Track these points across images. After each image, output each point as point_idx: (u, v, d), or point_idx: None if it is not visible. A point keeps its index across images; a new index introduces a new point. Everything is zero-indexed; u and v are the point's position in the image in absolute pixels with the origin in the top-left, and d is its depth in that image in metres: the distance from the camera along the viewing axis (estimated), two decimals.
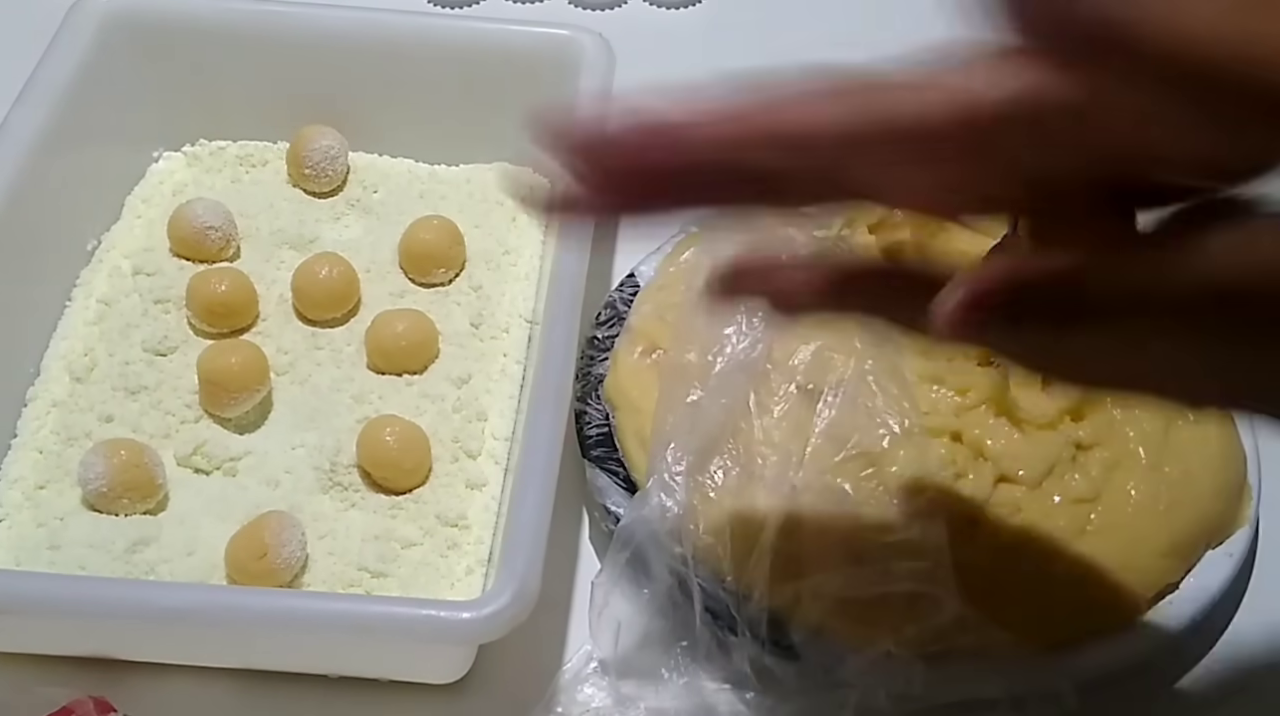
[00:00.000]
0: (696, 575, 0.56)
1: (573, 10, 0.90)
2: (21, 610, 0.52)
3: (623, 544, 0.57)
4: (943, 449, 0.59)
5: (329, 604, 0.54)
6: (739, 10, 0.91)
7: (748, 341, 0.61)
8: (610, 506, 0.60)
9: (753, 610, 0.55)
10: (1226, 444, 0.62)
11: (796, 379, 0.61)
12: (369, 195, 0.74)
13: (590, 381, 0.64)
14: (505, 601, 0.50)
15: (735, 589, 0.56)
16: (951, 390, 0.61)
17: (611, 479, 0.61)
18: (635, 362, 0.64)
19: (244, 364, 0.63)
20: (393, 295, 0.69)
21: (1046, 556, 0.58)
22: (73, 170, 0.68)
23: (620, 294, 0.68)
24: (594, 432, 0.63)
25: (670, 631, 0.57)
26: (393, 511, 0.61)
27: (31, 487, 0.61)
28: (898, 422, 0.59)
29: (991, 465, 0.59)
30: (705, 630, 0.56)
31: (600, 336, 0.66)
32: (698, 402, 0.60)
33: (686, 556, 0.56)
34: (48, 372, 0.65)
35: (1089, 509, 0.59)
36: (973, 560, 0.57)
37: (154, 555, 0.58)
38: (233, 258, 0.71)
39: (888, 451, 0.58)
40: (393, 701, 0.57)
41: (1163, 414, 0.62)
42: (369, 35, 0.73)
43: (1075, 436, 0.61)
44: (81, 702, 0.53)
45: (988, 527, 0.58)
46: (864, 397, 0.59)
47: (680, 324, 0.63)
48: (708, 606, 0.56)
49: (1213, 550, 0.60)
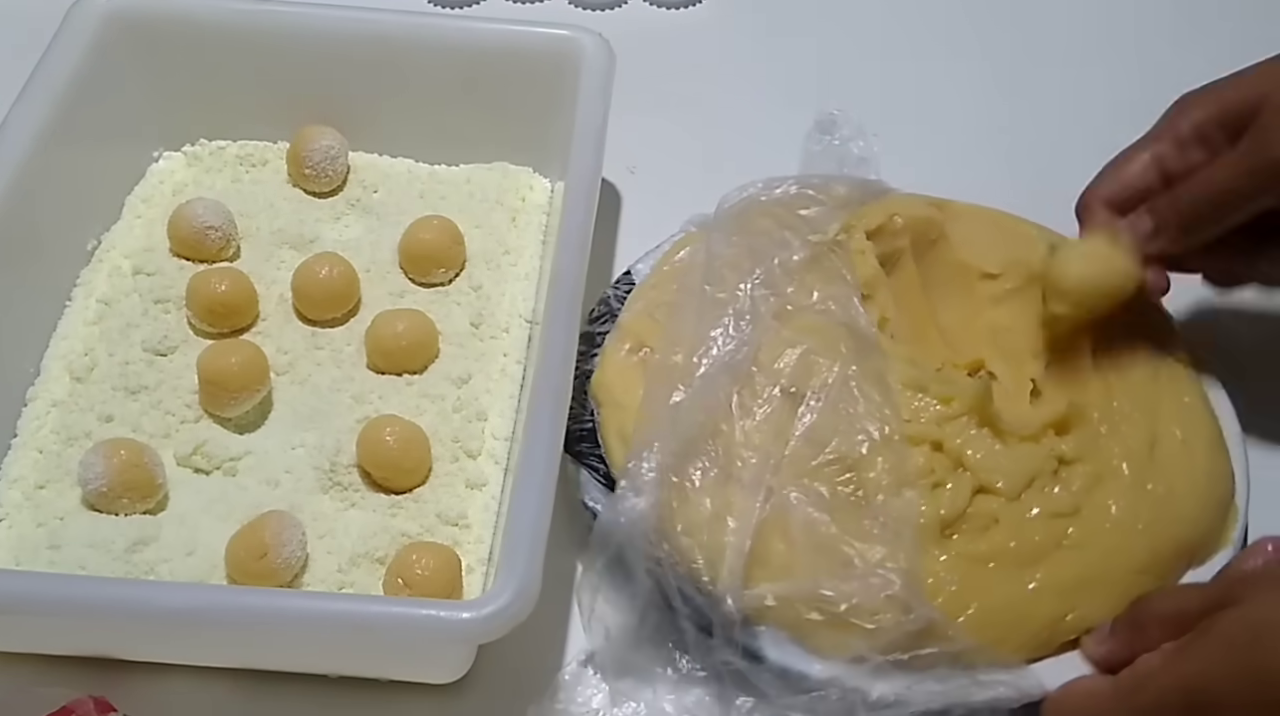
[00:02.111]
0: (674, 577, 0.56)
1: (573, 10, 0.90)
2: (22, 610, 0.52)
3: (601, 545, 0.57)
4: (922, 457, 0.59)
5: (329, 603, 0.54)
6: (739, 10, 0.91)
7: (734, 343, 0.61)
8: (588, 501, 0.60)
9: (726, 613, 0.55)
10: (1214, 463, 0.62)
11: (781, 382, 0.60)
12: (369, 195, 0.74)
13: (580, 377, 0.64)
14: (506, 601, 0.50)
15: (710, 591, 0.56)
16: (935, 399, 0.61)
17: (592, 475, 0.61)
18: (622, 360, 0.64)
19: (244, 364, 0.63)
20: (393, 295, 0.69)
21: (1020, 568, 0.58)
22: (73, 170, 0.68)
23: (615, 291, 0.68)
24: (578, 428, 0.63)
25: (658, 630, 0.57)
26: (393, 511, 0.61)
27: (31, 487, 0.61)
28: (878, 429, 0.59)
29: (971, 475, 0.59)
30: (690, 627, 0.56)
31: (593, 332, 0.66)
32: (680, 403, 0.60)
33: (663, 558, 0.56)
34: (48, 372, 0.65)
35: (1067, 523, 0.59)
36: (947, 569, 0.57)
37: (154, 555, 0.58)
38: (233, 257, 0.71)
39: (866, 457, 0.58)
40: (393, 701, 0.57)
41: (1149, 429, 0.62)
42: (369, 35, 0.73)
43: (1059, 450, 0.61)
44: (81, 702, 0.53)
45: (963, 538, 0.58)
46: (846, 403, 0.59)
47: (670, 323, 0.63)
48: (685, 608, 0.56)
49: (1195, 569, 0.60)
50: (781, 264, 0.64)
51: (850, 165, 0.71)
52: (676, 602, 0.56)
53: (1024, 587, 0.57)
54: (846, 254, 0.65)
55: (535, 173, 0.76)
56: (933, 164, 0.76)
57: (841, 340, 0.61)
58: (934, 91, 0.86)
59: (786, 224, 0.66)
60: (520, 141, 0.75)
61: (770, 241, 0.65)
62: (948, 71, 0.87)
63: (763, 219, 0.66)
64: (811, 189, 0.68)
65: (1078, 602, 0.57)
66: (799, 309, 0.63)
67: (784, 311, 0.63)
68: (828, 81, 0.85)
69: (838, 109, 0.72)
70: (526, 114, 0.74)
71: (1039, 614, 0.57)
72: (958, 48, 0.89)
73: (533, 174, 0.76)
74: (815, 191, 0.68)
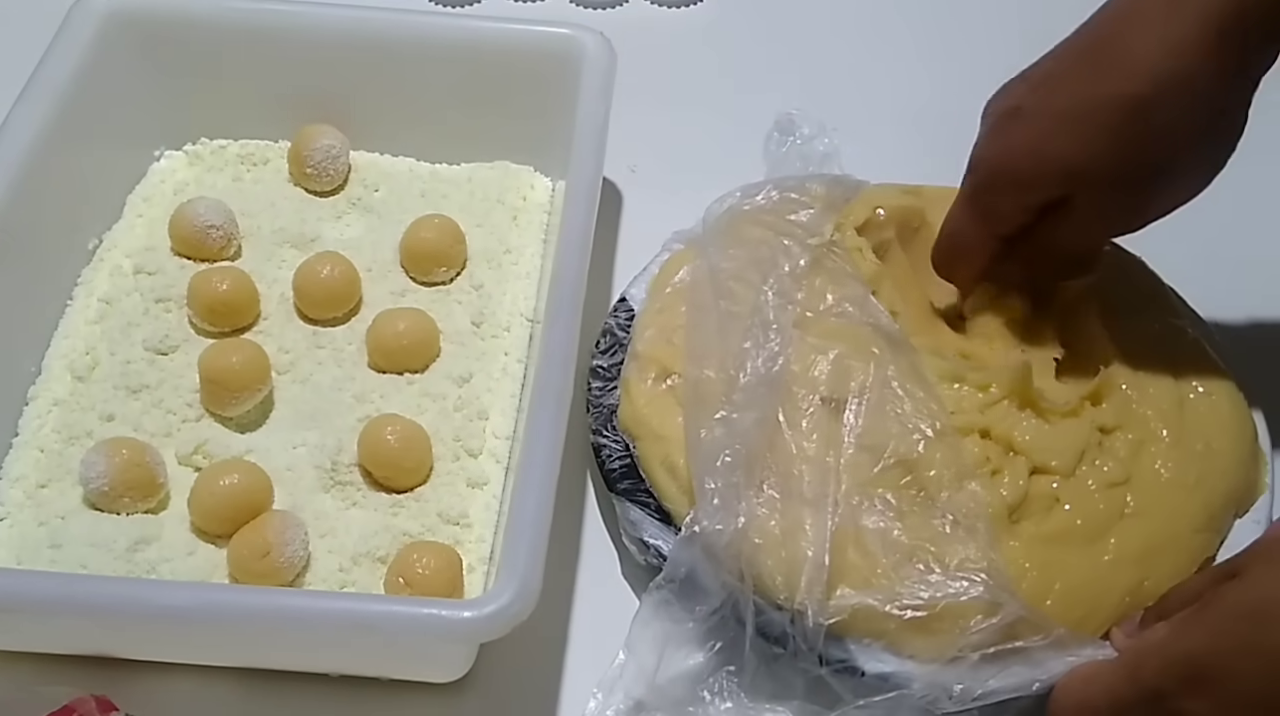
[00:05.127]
0: (751, 593, 0.55)
1: (574, 9, 0.90)
2: (23, 609, 0.52)
3: (671, 575, 0.56)
4: (975, 447, 0.59)
5: (331, 603, 0.54)
6: (739, 10, 0.91)
7: (764, 356, 0.60)
8: (648, 539, 0.59)
9: (808, 627, 0.55)
10: (1238, 413, 0.63)
11: (820, 391, 0.60)
12: (370, 194, 0.74)
13: (603, 413, 0.64)
14: (507, 600, 0.50)
15: (789, 607, 0.55)
16: (974, 387, 0.61)
17: (644, 511, 0.60)
18: (650, 390, 0.63)
19: (245, 363, 0.63)
20: (394, 294, 0.69)
21: (1091, 543, 0.58)
22: (74, 169, 0.68)
23: (616, 319, 0.67)
24: (617, 465, 0.62)
25: (717, 655, 0.56)
26: (394, 510, 0.61)
27: (33, 486, 0.61)
28: (929, 425, 0.59)
29: (1024, 458, 0.59)
30: (753, 654, 0.56)
31: (604, 365, 0.66)
32: (728, 419, 0.59)
33: (742, 574, 0.55)
34: (49, 371, 0.65)
35: (1124, 491, 0.59)
36: (1023, 555, 0.57)
37: (155, 554, 0.58)
38: (234, 257, 0.71)
39: (923, 455, 0.58)
40: (393, 701, 0.57)
41: (1174, 389, 0.63)
42: (370, 34, 0.73)
43: (1099, 420, 0.61)
44: (83, 701, 0.53)
45: (1031, 521, 0.58)
46: (891, 404, 0.59)
47: (690, 343, 0.63)
48: (759, 625, 0.55)
49: (1239, 519, 0.61)
50: (790, 271, 0.64)
51: (815, 163, 0.71)
52: (750, 622, 0.55)
53: (1100, 561, 0.58)
54: (845, 253, 0.65)
55: (536, 171, 0.76)
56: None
57: (870, 341, 0.61)
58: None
59: (781, 230, 0.66)
60: (521, 140, 0.75)
61: (771, 249, 0.65)
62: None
63: (753, 228, 0.66)
64: (793, 192, 0.68)
65: (1150, 569, 0.58)
66: (817, 314, 0.63)
67: (803, 318, 0.62)
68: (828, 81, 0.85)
69: (796, 108, 0.72)
70: (528, 113, 0.74)
71: (1118, 586, 0.57)
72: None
73: (534, 173, 0.76)
74: (797, 194, 0.68)
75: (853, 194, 0.68)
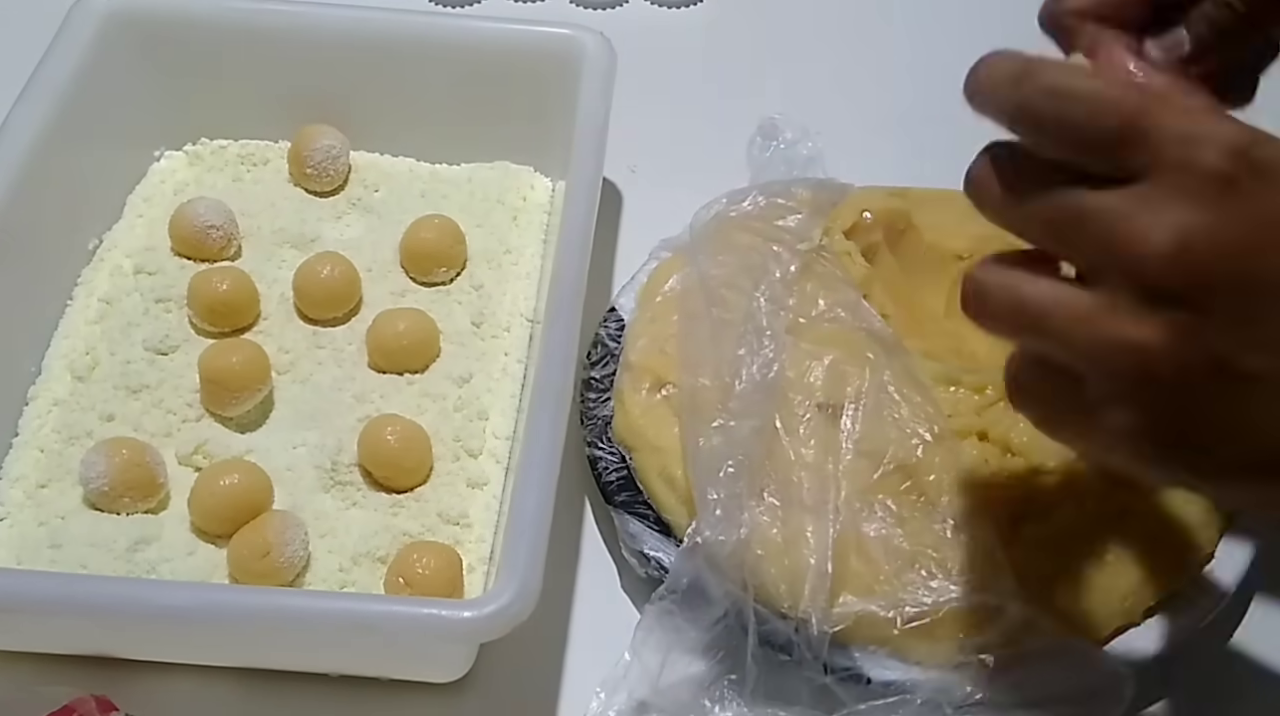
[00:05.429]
0: (754, 602, 0.55)
1: (574, 9, 0.90)
2: (23, 609, 0.52)
3: (673, 585, 0.56)
4: (973, 450, 0.59)
5: (331, 603, 0.54)
6: (739, 10, 0.91)
7: (759, 362, 0.60)
8: (648, 551, 0.59)
9: (812, 635, 0.55)
10: None
11: (816, 397, 0.60)
12: (370, 194, 0.74)
13: (597, 424, 0.63)
14: (507, 600, 0.50)
15: (793, 615, 0.55)
16: (969, 389, 0.61)
17: (643, 523, 0.60)
18: (645, 400, 0.63)
19: (245, 363, 0.63)
20: (394, 294, 0.69)
21: (1097, 541, 0.58)
22: (74, 169, 0.68)
23: (606, 330, 0.67)
24: (613, 477, 0.62)
25: (720, 663, 0.56)
26: (394, 510, 0.61)
27: (33, 486, 0.61)
28: (927, 430, 0.59)
29: (1022, 459, 0.59)
30: (755, 664, 0.56)
31: (596, 376, 0.65)
32: (726, 428, 0.59)
33: (745, 584, 0.55)
34: (49, 371, 0.65)
35: (1123, 491, 0.59)
36: (1025, 558, 0.57)
37: (155, 554, 0.58)
38: (234, 257, 0.71)
39: (922, 460, 0.58)
40: (393, 701, 0.57)
41: None
42: (370, 34, 0.73)
43: None
44: (83, 701, 0.53)
45: (1032, 523, 0.58)
46: (889, 409, 0.59)
47: (684, 352, 0.62)
48: (763, 634, 0.55)
49: None
50: (781, 277, 0.63)
51: (800, 167, 0.71)
52: (752, 631, 0.55)
53: (1102, 561, 0.58)
54: (834, 257, 0.65)
55: (536, 172, 0.76)
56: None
57: (864, 346, 0.61)
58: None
59: (769, 236, 0.65)
60: (521, 140, 0.75)
61: (760, 256, 0.65)
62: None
63: (742, 234, 0.66)
64: (779, 197, 0.68)
65: (1151, 569, 0.57)
66: (810, 320, 0.62)
67: (796, 324, 0.62)
68: (828, 82, 0.85)
69: (778, 113, 0.72)
70: (528, 113, 0.74)
71: (1119, 586, 0.57)
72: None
73: (534, 173, 0.76)
74: (784, 199, 0.67)
75: (839, 198, 0.68)
